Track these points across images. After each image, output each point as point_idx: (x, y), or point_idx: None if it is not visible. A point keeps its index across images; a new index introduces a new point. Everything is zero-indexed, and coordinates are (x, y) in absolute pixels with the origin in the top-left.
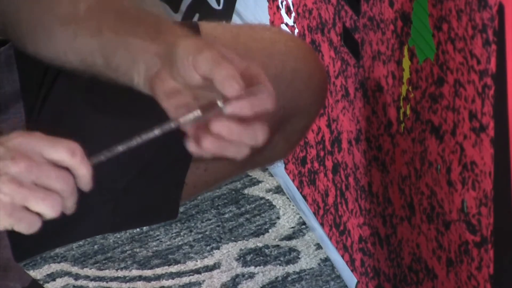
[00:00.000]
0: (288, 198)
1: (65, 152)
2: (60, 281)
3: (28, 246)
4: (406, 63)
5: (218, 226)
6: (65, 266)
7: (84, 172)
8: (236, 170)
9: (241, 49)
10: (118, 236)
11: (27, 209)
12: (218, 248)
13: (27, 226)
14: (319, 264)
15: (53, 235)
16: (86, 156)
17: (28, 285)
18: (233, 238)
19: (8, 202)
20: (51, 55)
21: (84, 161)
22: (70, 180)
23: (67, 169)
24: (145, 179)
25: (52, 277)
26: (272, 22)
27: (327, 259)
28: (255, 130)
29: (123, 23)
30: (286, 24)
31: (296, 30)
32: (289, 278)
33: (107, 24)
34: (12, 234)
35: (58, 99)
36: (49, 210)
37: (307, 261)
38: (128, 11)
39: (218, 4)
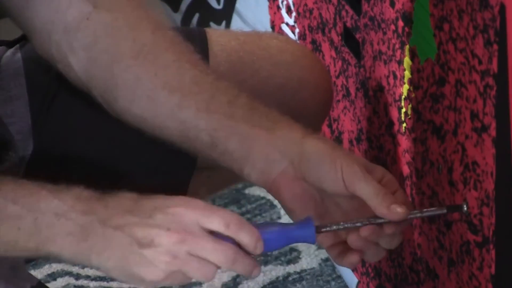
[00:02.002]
0: None
1: (219, 223)
2: (61, 281)
3: None
4: (407, 63)
5: None
6: (66, 266)
7: (244, 240)
8: (239, 177)
9: (247, 57)
10: None
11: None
12: None
13: (182, 283)
14: (320, 264)
15: None
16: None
17: (36, 285)
18: None
19: (163, 269)
20: (150, 118)
21: (243, 229)
22: (228, 251)
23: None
24: (149, 186)
25: (53, 276)
26: (272, 22)
27: (328, 259)
28: (394, 237)
29: (236, 107)
30: (287, 24)
31: (297, 30)
32: (290, 278)
33: (217, 103)
34: None
35: (65, 102)
36: (204, 279)
37: (308, 261)
38: (238, 95)
39: (218, 3)
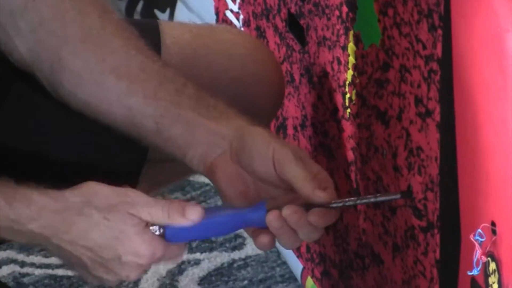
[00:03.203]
0: None
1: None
2: (6, 269)
3: None
4: (351, 48)
5: None
6: (11, 254)
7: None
8: (190, 170)
9: (200, 50)
10: None
11: None
12: None
13: None
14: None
15: None
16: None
17: None
18: None
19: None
20: (95, 103)
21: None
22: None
23: None
24: (101, 178)
25: None
26: (216, 8)
27: None
28: (313, 231)
29: (184, 96)
30: (231, 11)
31: (241, 17)
32: (235, 265)
33: (165, 91)
34: None
35: (17, 98)
36: None
37: (253, 247)
38: (185, 83)
39: None
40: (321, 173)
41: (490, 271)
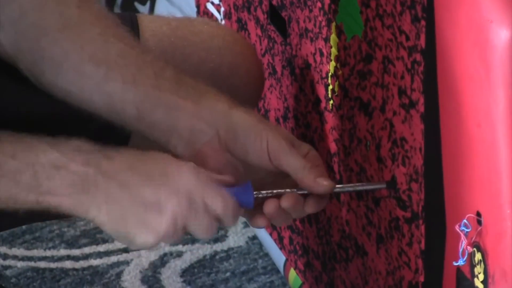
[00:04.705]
0: None
1: (220, 207)
2: None
3: None
4: (334, 40)
5: None
6: None
7: (229, 224)
8: None
9: (178, 42)
10: None
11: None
12: None
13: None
14: (247, 242)
15: None
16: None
17: None
18: None
19: (158, 235)
20: (76, 92)
21: (233, 216)
22: (212, 230)
23: None
24: None
25: None
26: (197, 1)
27: (255, 237)
28: (305, 211)
29: (163, 79)
30: (212, 3)
31: (222, 9)
32: (217, 257)
33: (144, 76)
34: None
35: None
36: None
37: (235, 239)
38: (165, 67)
39: None
40: (310, 152)
41: (476, 261)
